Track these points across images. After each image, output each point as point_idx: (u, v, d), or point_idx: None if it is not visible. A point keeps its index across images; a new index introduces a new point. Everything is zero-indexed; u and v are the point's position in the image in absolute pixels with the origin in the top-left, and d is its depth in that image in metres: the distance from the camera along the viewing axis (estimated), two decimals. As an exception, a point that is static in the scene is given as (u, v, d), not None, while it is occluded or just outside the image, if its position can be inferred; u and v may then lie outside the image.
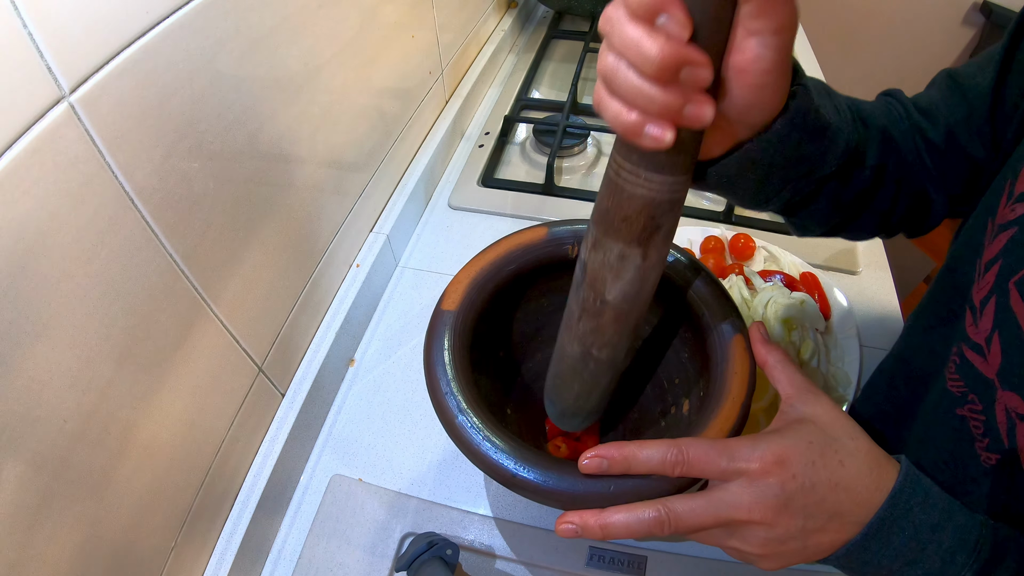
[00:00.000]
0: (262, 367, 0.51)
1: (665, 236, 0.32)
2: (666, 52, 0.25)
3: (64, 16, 0.29)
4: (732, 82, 0.28)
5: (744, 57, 0.27)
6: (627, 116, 0.27)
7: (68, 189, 0.30)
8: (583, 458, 0.34)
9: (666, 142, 0.27)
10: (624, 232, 0.32)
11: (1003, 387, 0.31)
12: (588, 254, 0.34)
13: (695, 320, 0.43)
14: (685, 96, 0.26)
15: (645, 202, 0.30)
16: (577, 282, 0.36)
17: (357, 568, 0.49)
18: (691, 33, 0.25)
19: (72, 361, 0.32)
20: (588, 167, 0.86)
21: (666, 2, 0.25)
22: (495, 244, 0.46)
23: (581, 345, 0.38)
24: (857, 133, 0.37)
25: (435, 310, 0.42)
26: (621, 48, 0.26)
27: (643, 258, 0.32)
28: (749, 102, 0.29)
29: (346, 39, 0.56)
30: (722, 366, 0.39)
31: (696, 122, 0.27)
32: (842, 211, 0.39)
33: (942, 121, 0.39)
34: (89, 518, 0.35)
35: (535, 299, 0.50)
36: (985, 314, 0.32)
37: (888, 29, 2.18)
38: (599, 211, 0.32)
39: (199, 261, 0.41)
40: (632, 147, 0.29)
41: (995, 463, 0.32)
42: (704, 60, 0.25)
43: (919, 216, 0.42)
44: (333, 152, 0.58)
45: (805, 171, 0.35)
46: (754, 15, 0.26)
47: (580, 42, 1.05)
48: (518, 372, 0.52)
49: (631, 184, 0.30)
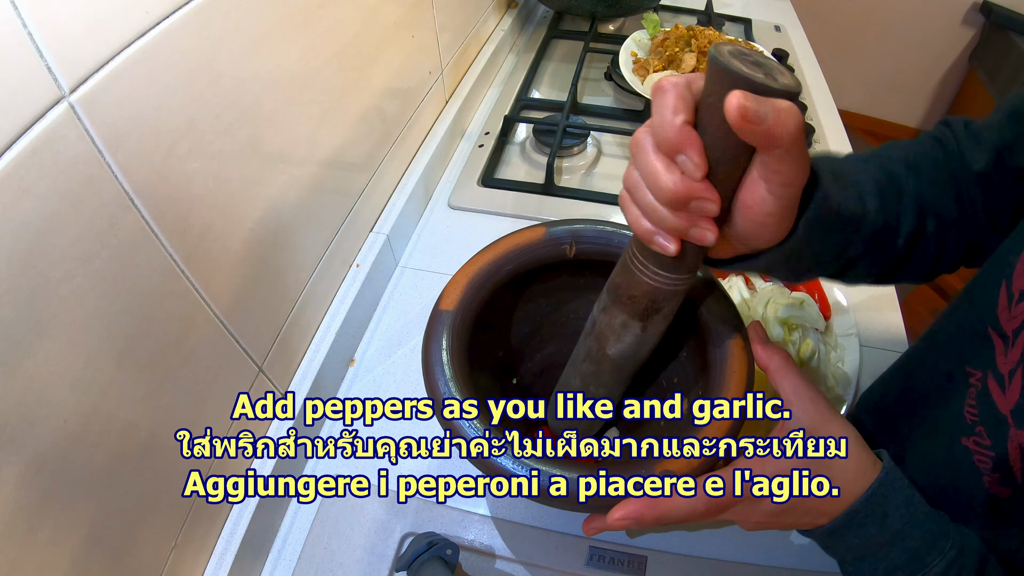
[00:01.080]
0: (262, 367, 0.51)
1: (664, 316, 0.37)
2: (679, 188, 0.28)
3: (64, 16, 0.29)
4: (737, 214, 0.31)
5: (751, 197, 0.30)
6: (642, 223, 0.31)
7: (68, 189, 0.30)
8: (612, 516, 0.35)
9: (671, 252, 0.31)
10: (629, 307, 0.37)
11: (1017, 426, 0.31)
12: (598, 314, 0.39)
13: (694, 320, 0.43)
14: (692, 221, 0.30)
15: (650, 289, 0.35)
16: (586, 332, 0.41)
17: (357, 568, 0.49)
18: (705, 173, 0.28)
19: (72, 361, 0.32)
20: (588, 167, 0.86)
21: (687, 143, 0.28)
22: (493, 244, 0.46)
23: (582, 382, 0.43)
24: (885, 211, 0.37)
25: (433, 310, 0.42)
26: (643, 172, 0.30)
27: (642, 330, 0.38)
28: (749, 233, 0.31)
29: (346, 39, 0.56)
30: (720, 366, 0.39)
31: (699, 242, 0.31)
32: (883, 268, 0.40)
33: (991, 145, 0.39)
34: (89, 518, 0.35)
35: (534, 299, 0.50)
36: (1017, 345, 0.32)
37: (888, 29, 2.18)
38: (612, 283, 0.38)
39: (199, 261, 0.41)
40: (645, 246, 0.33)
41: (1008, 496, 0.32)
42: (712, 197, 0.29)
43: (974, 253, 0.41)
44: (333, 152, 0.58)
45: (833, 256, 0.37)
46: (766, 166, 0.28)
47: (580, 42, 1.05)
48: (516, 372, 0.52)
49: (640, 273, 0.35)
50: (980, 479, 0.33)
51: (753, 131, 0.25)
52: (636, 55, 0.94)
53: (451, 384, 0.38)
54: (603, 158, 0.87)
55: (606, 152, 0.88)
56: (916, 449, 0.40)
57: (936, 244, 0.40)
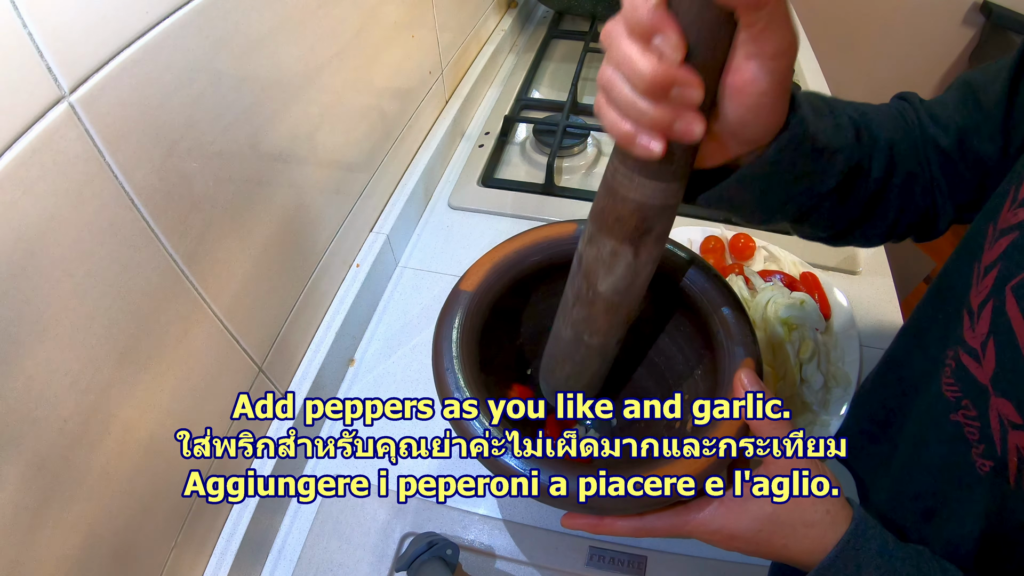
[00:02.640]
0: (262, 367, 0.51)
1: (656, 238, 0.34)
2: (657, 71, 0.26)
3: (64, 16, 0.29)
4: (728, 101, 0.29)
5: (741, 78, 0.28)
6: (621, 125, 0.29)
7: (68, 189, 0.30)
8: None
9: (655, 153, 0.29)
10: (617, 231, 0.34)
11: (996, 393, 0.31)
12: (584, 247, 0.36)
13: (692, 306, 0.42)
14: (676, 112, 0.28)
15: (637, 205, 0.32)
16: (573, 272, 0.38)
17: (357, 568, 0.49)
18: (684, 54, 0.26)
19: (72, 361, 0.32)
20: (588, 167, 0.86)
21: (662, 23, 0.26)
22: (522, 234, 0.46)
23: (574, 331, 0.40)
24: (859, 149, 0.37)
25: (453, 289, 0.43)
26: (617, 62, 0.28)
27: (634, 256, 0.34)
28: (744, 121, 0.30)
29: (346, 39, 0.56)
30: (725, 371, 0.39)
31: (685, 137, 0.28)
32: (846, 220, 0.40)
33: (953, 127, 0.39)
34: (89, 518, 0.35)
35: (557, 295, 0.50)
36: (982, 319, 0.32)
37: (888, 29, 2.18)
38: (595, 209, 0.34)
39: (199, 261, 0.41)
40: (628, 153, 0.30)
41: (988, 470, 0.32)
42: (694, 81, 0.27)
43: (927, 223, 0.42)
44: (333, 152, 0.58)
45: (803, 188, 0.36)
46: (753, 39, 0.27)
47: (580, 42, 1.05)
48: (532, 363, 0.52)
49: (625, 187, 0.32)
50: (970, 452, 0.33)
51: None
52: (636, 55, 0.94)
53: (455, 362, 0.39)
54: (603, 158, 0.87)
55: (606, 152, 0.88)
56: (910, 437, 0.40)
57: (898, 200, 0.40)
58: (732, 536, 0.36)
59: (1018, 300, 0.30)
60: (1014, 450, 0.30)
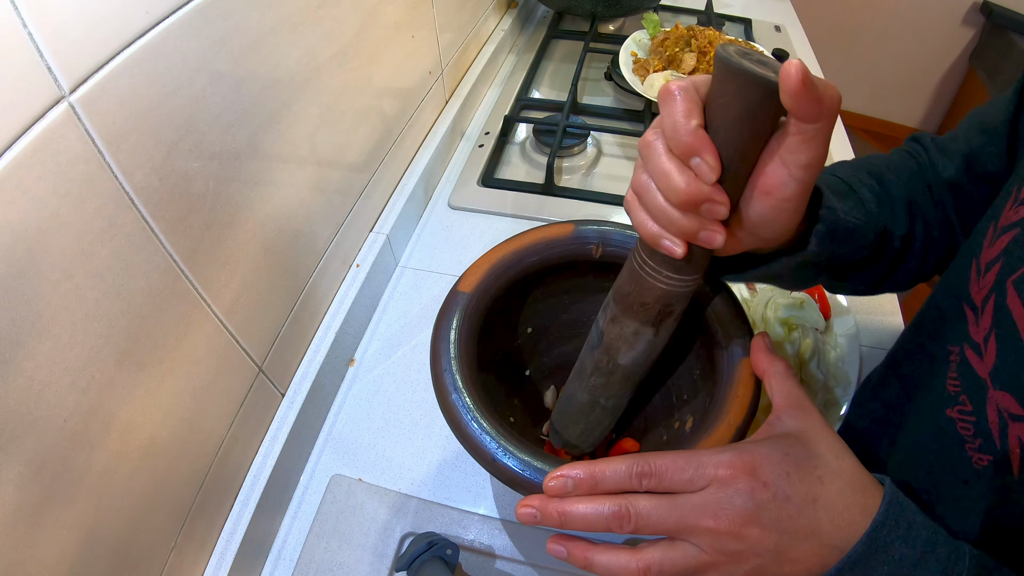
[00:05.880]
0: (262, 367, 0.51)
1: (675, 318, 0.37)
2: (691, 191, 0.29)
3: (64, 16, 0.29)
4: (753, 201, 0.30)
5: (769, 182, 0.29)
6: (649, 226, 0.32)
7: (68, 189, 0.30)
8: (548, 479, 0.32)
9: (678, 254, 0.31)
10: (641, 314, 0.37)
11: (995, 387, 0.31)
12: (606, 326, 0.39)
13: (710, 338, 0.42)
14: (701, 223, 0.30)
15: (662, 294, 0.35)
16: (592, 344, 0.41)
17: (357, 568, 0.49)
18: (719, 176, 0.28)
19: (72, 361, 0.32)
20: (588, 167, 0.86)
21: (701, 146, 0.28)
22: (520, 235, 0.46)
23: (590, 395, 0.42)
24: (882, 216, 0.38)
25: (451, 290, 0.43)
26: (654, 175, 0.30)
27: (655, 335, 0.38)
28: (764, 221, 0.31)
29: (346, 39, 0.56)
30: (725, 388, 0.38)
31: (707, 245, 0.31)
32: (877, 276, 0.41)
33: (959, 154, 0.41)
34: (89, 518, 0.35)
35: (555, 295, 0.50)
36: (985, 313, 0.33)
37: (888, 29, 2.18)
38: (621, 293, 0.37)
39: (199, 261, 0.41)
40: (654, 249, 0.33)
41: (987, 464, 0.32)
42: (724, 200, 0.29)
43: (950, 259, 0.42)
44: (333, 152, 0.58)
45: (837, 264, 0.37)
46: (791, 148, 0.28)
47: (580, 42, 1.05)
48: (529, 364, 0.52)
49: (652, 278, 0.35)
50: (964, 448, 0.33)
51: (809, 99, 0.25)
52: (636, 55, 0.94)
53: (453, 362, 0.39)
54: (603, 158, 0.87)
55: (606, 152, 0.88)
56: (907, 434, 0.40)
57: (922, 246, 0.41)
58: (754, 469, 0.29)
59: (1019, 294, 0.30)
60: (1016, 442, 0.30)
